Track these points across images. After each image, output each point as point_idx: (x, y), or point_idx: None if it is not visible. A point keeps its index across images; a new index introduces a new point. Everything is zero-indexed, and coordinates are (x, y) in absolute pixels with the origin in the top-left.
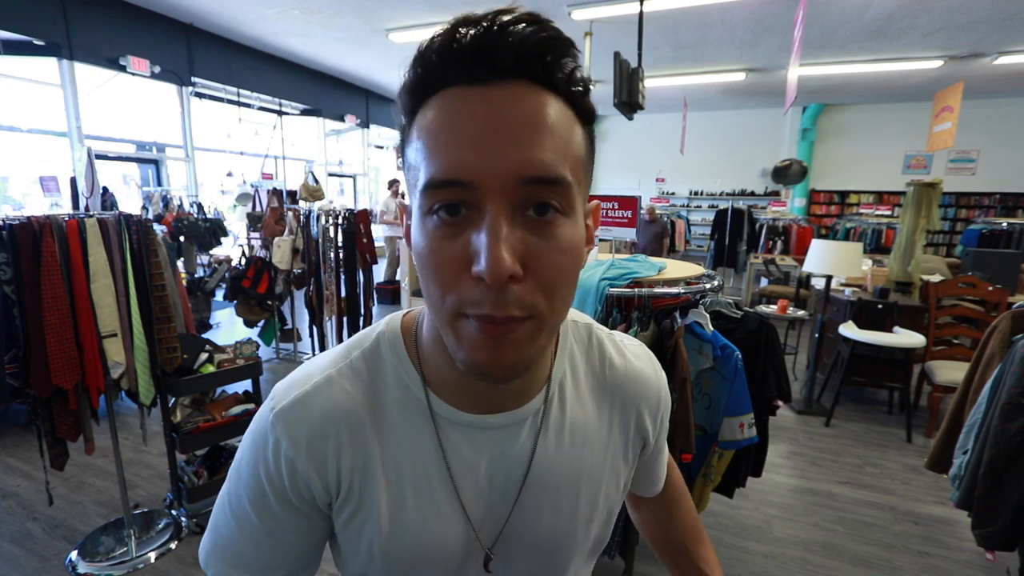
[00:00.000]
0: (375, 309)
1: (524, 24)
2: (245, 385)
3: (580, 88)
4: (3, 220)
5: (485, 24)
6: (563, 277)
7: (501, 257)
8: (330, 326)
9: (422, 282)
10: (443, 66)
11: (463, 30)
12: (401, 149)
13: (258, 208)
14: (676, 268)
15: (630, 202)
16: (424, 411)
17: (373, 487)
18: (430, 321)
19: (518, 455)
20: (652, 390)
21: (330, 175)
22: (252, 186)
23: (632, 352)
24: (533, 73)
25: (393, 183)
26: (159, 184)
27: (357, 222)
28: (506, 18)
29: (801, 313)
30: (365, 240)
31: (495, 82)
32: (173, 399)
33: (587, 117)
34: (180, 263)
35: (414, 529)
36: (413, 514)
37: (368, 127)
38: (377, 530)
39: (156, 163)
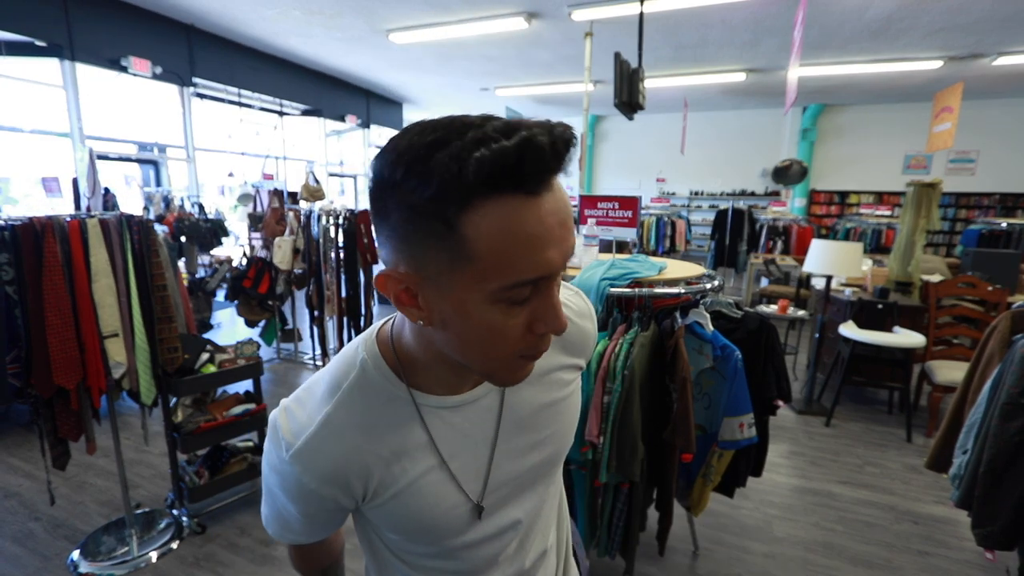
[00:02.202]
0: (376, 309)
1: (567, 142)
2: (246, 385)
3: None
4: (5, 220)
5: (546, 136)
6: None
7: (564, 317)
8: (331, 326)
9: (474, 348)
10: (500, 183)
11: (505, 143)
12: (418, 245)
13: (259, 208)
14: (676, 268)
15: (630, 202)
16: (410, 407)
17: (387, 482)
18: (411, 338)
19: (492, 414)
20: (590, 342)
21: (331, 175)
22: (253, 186)
23: (577, 310)
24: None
25: None
26: (160, 184)
27: (358, 222)
28: (559, 130)
29: (801, 313)
30: (366, 240)
31: (551, 185)
32: (174, 399)
33: None
34: (181, 263)
35: (419, 502)
36: (416, 491)
37: (369, 127)
38: (390, 510)
39: (157, 164)
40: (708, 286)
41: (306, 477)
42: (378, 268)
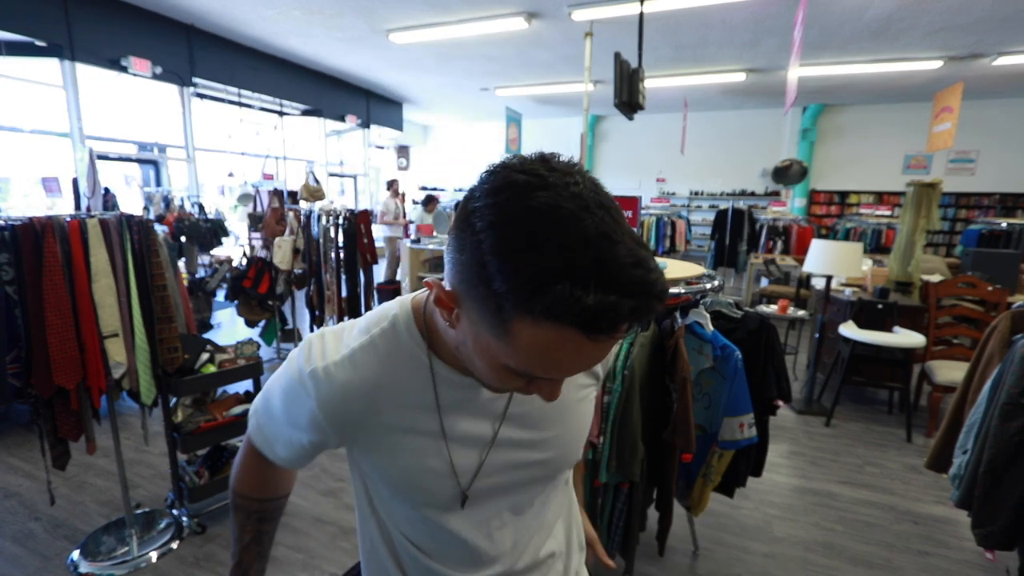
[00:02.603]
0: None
1: (652, 311)
2: (246, 385)
3: None
4: (5, 221)
5: (634, 300)
6: None
7: (559, 396)
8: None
9: (476, 368)
10: (565, 322)
11: (587, 300)
12: (470, 281)
13: (259, 208)
14: (676, 268)
15: (631, 202)
16: (426, 371)
17: (378, 435)
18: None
19: (501, 404)
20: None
21: (331, 175)
22: (253, 186)
23: None
24: None
25: (392, 183)
26: (160, 184)
27: (358, 222)
28: (624, 309)
29: (801, 313)
30: (366, 240)
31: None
32: (174, 399)
33: None
34: (181, 263)
35: (408, 459)
36: (410, 445)
37: (368, 127)
38: (381, 464)
39: (157, 164)
40: (708, 286)
41: (313, 393)
42: (379, 268)
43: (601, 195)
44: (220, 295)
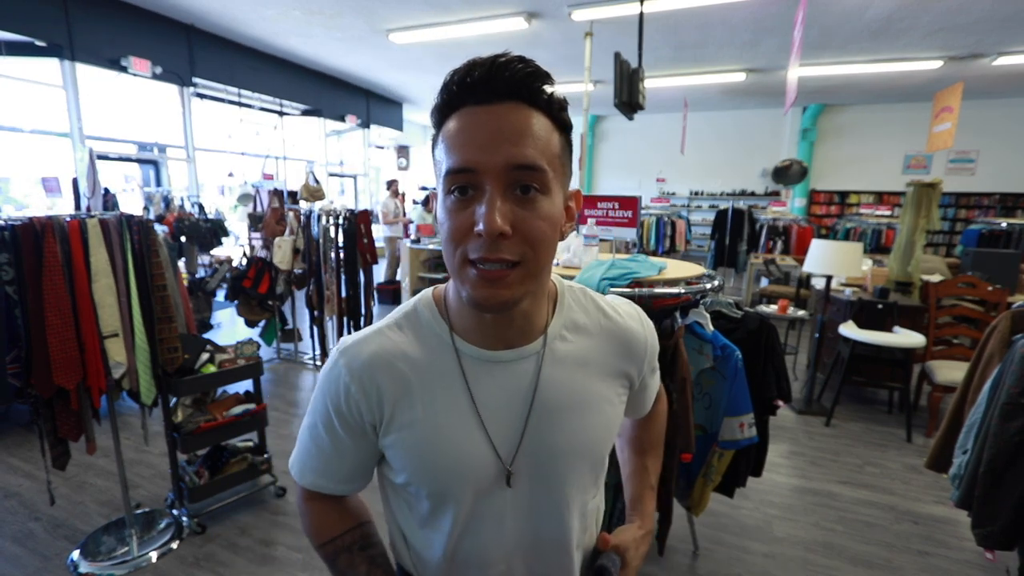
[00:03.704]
0: (375, 309)
1: (516, 63)
2: (246, 385)
3: (557, 106)
4: (5, 221)
5: (489, 63)
6: (543, 236)
7: (494, 219)
8: (331, 326)
9: (443, 245)
10: (460, 92)
11: (475, 70)
12: (432, 151)
13: (259, 208)
14: (676, 268)
15: (630, 202)
16: (451, 350)
17: (412, 412)
18: (454, 285)
19: (527, 381)
20: (639, 345)
21: (331, 175)
22: (253, 186)
23: (624, 311)
24: (522, 96)
25: (392, 183)
26: (160, 184)
27: (357, 222)
28: (503, 59)
29: (801, 313)
30: (366, 240)
31: (496, 102)
32: (174, 399)
33: (564, 127)
34: (181, 263)
35: (446, 445)
36: (445, 432)
37: (368, 127)
38: (416, 446)
39: (157, 164)
40: (708, 286)
41: (346, 370)
42: (378, 268)
43: None
44: (220, 295)
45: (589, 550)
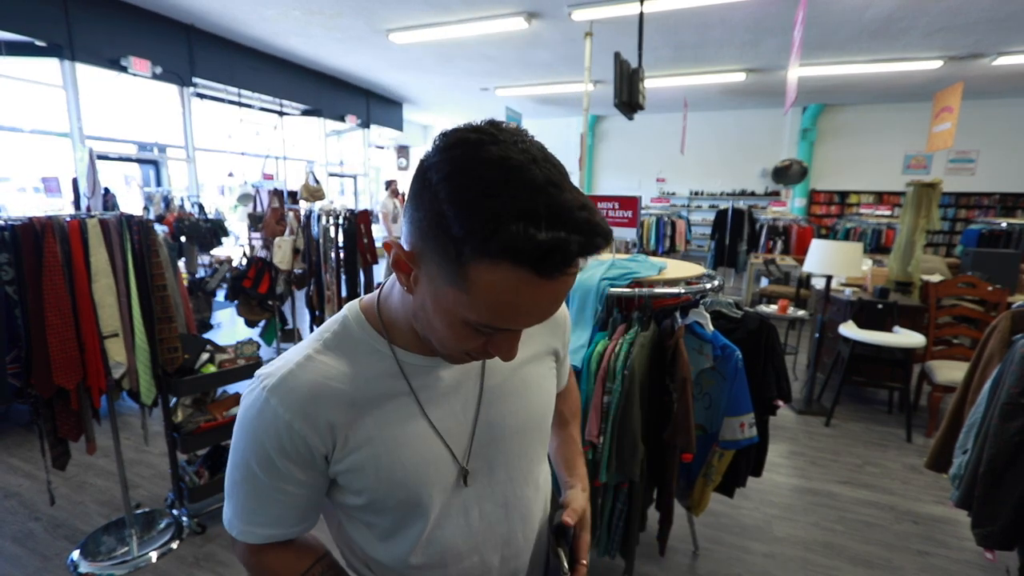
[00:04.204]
0: None
1: (598, 248)
2: (246, 385)
3: None
4: (5, 221)
5: (587, 241)
6: None
7: (515, 354)
8: None
9: (428, 331)
10: (520, 261)
11: (571, 244)
12: (428, 235)
13: (259, 208)
14: (676, 268)
15: (630, 202)
16: (392, 362)
17: (365, 431)
18: (398, 301)
19: (472, 377)
20: (561, 319)
21: (331, 175)
22: (253, 186)
23: None
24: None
25: (391, 183)
26: (160, 184)
27: (358, 222)
28: (601, 237)
29: (801, 313)
30: (366, 240)
31: (561, 277)
32: (174, 399)
33: None
34: (181, 263)
35: (405, 455)
36: (401, 443)
37: (368, 127)
38: (375, 463)
39: (157, 163)
40: (708, 286)
41: (282, 407)
42: (379, 268)
43: (547, 153)
44: (220, 295)
45: (545, 513)
